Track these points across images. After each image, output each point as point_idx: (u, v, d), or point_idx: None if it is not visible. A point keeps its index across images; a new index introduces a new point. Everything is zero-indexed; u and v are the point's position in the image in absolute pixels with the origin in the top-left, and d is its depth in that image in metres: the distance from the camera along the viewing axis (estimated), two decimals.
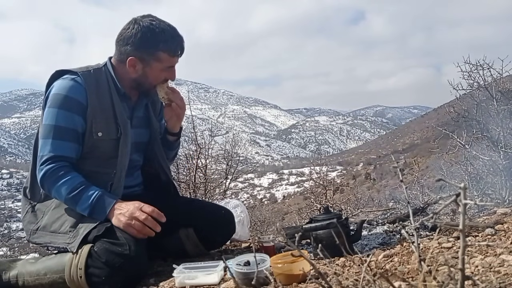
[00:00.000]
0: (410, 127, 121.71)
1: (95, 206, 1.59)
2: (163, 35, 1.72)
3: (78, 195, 1.59)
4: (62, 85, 1.67)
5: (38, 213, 1.72)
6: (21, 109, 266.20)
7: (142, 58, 1.73)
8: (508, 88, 3.07)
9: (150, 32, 1.71)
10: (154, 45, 1.71)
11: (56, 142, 1.63)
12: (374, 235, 1.88)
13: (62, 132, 1.64)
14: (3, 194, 62.59)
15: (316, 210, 5.56)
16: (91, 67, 1.76)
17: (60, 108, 1.64)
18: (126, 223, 1.55)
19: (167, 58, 1.75)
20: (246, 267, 1.30)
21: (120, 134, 1.74)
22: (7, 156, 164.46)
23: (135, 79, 1.78)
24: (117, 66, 1.79)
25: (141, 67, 1.75)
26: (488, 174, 2.96)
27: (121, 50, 1.75)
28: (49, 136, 1.63)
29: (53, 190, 1.62)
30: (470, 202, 0.62)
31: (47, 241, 1.66)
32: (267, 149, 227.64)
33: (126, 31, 1.73)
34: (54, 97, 1.66)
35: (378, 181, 16.36)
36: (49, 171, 1.61)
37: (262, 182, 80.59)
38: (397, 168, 0.91)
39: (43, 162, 1.62)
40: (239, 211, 2.31)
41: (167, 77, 1.81)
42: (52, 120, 1.63)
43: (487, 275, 1.05)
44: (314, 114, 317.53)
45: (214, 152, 6.28)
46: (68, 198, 1.60)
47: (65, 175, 1.61)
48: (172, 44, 1.75)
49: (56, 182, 1.60)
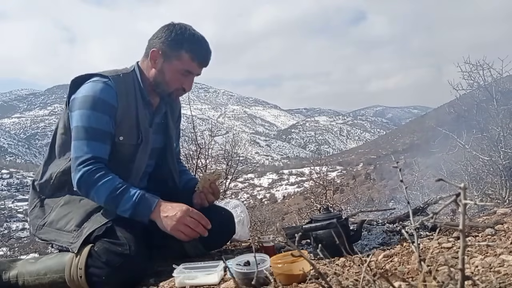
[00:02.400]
0: (410, 127, 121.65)
1: (137, 207, 1.57)
2: (191, 38, 1.75)
3: (119, 195, 1.57)
4: (94, 87, 1.65)
5: (46, 208, 1.71)
6: (21, 109, 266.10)
7: (165, 52, 1.74)
8: (508, 88, 3.07)
9: (180, 31, 1.74)
10: (179, 43, 1.73)
11: (91, 144, 1.61)
12: (374, 235, 1.88)
13: (97, 133, 1.62)
14: (3, 194, 62.60)
15: (316, 210, 5.56)
16: (120, 71, 1.76)
17: (93, 109, 1.62)
18: (174, 228, 1.54)
19: (188, 61, 1.75)
20: (246, 267, 1.30)
21: (141, 141, 1.75)
22: (7, 156, 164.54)
23: (154, 78, 1.78)
24: (142, 65, 1.81)
25: (161, 61, 1.76)
26: (488, 174, 2.96)
27: (148, 44, 1.79)
28: (84, 137, 1.61)
29: (92, 192, 1.59)
30: (470, 202, 0.62)
31: (52, 238, 1.65)
32: (267, 149, 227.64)
33: (160, 30, 1.77)
34: (85, 99, 1.64)
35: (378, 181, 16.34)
36: (87, 172, 1.58)
37: (262, 182, 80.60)
38: (397, 168, 0.91)
39: (80, 163, 1.59)
40: (239, 211, 2.31)
41: (183, 83, 1.80)
42: (86, 122, 1.62)
43: (487, 275, 1.05)
44: (314, 114, 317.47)
45: (214, 152, 6.29)
46: (109, 199, 1.57)
47: (104, 176, 1.59)
48: (197, 49, 1.77)
49: (96, 183, 1.58)
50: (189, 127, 6.23)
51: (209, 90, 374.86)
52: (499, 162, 2.77)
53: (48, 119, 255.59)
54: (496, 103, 2.93)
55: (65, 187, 1.71)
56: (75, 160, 1.61)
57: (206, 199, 1.88)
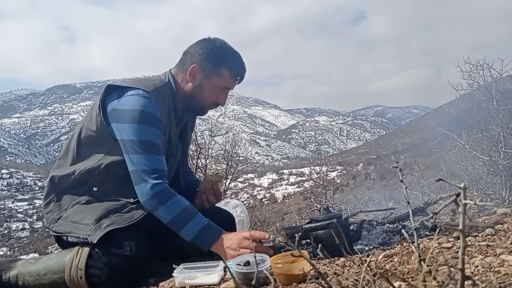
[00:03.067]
0: (410, 127, 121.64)
1: (202, 234, 1.57)
2: (232, 56, 1.80)
3: (188, 218, 1.57)
4: (139, 101, 1.62)
5: (63, 203, 1.69)
6: (21, 109, 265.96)
7: (206, 68, 1.76)
8: (508, 88, 3.07)
9: (222, 49, 1.78)
10: (221, 61, 1.76)
11: (151, 157, 1.60)
12: (374, 235, 1.88)
13: (153, 146, 1.61)
14: (3, 194, 62.57)
15: (316, 210, 5.56)
16: (156, 82, 1.74)
17: (145, 123, 1.60)
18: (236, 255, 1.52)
19: (228, 78, 1.79)
20: (246, 267, 1.30)
21: (170, 156, 1.77)
22: (7, 156, 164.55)
23: (190, 93, 1.79)
24: (176, 77, 1.81)
25: (200, 77, 1.77)
26: (488, 174, 2.96)
27: (186, 59, 1.79)
28: (142, 151, 1.59)
29: (161, 207, 1.58)
30: (470, 202, 0.62)
31: (67, 230, 1.62)
32: (267, 149, 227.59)
33: (198, 44, 1.79)
34: (134, 113, 1.60)
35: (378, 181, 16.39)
36: (160, 188, 1.58)
37: (262, 182, 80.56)
38: (397, 168, 0.91)
39: (148, 176, 1.58)
40: (239, 211, 2.31)
41: (218, 98, 1.82)
42: (139, 136, 1.59)
43: (487, 275, 1.05)
44: (314, 114, 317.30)
45: (214, 152, 6.29)
46: (177, 219, 1.57)
47: (174, 196, 1.59)
48: (237, 67, 1.81)
49: (167, 200, 1.57)
50: None
51: None
52: (499, 162, 2.77)
53: (48, 119, 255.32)
54: (496, 103, 2.93)
55: (85, 185, 1.68)
56: (142, 173, 1.58)
57: (207, 200, 1.88)
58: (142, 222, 1.64)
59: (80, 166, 1.69)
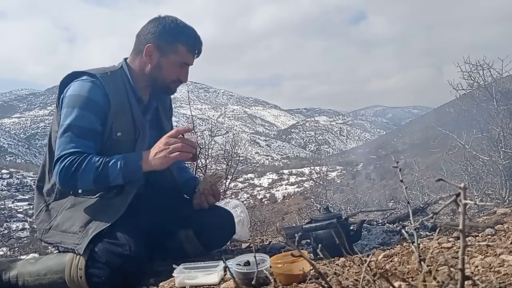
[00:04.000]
0: (410, 127, 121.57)
1: (126, 168, 1.59)
2: (185, 30, 1.78)
3: (104, 169, 1.57)
4: (81, 86, 1.66)
5: (52, 212, 1.70)
6: (21, 109, 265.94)
7: (160, 47, 1.75)
8: (508, 88, 3.07)
9: (173, 24, 1.77)
10: (174, 36, 1.75)
11: (76, 140, 1.61)
12: (374, 235, 1.88)
13: (82, 131, 1.62)
14: (3, 194, 62.56)
15: (316, 210, 5.56)
16: (107, 69, 1.76)
17: (80, 108, 1.63)
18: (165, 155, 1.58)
19: (184, 53, 1.77)
20: (246, 267, 1.30)
21: (138, 135, 1.75)
22: (7, 156, 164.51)
23: (150, 74, 1.79)
24: (132, 62, 1.81)
25: (157, 56, 1.76)
26: (488, 174, 2.96)
27: (140, 40, 1.78)
28: (69, 135, 1.61)
29: (77, 183, 1.58)
30: (470, 202, 0.62)
31: (58, 241, 1.63)
32: (267, 149, 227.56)
33: (149, 24, 1.78)
34: (72, 98, 1.65)
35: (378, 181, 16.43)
36: (66, 164, 1.56)
37: (262, 182, 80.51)
38: (397, 168, 0.91)
39: (60, 157, 1.58)
40: (239, 211, 2.31)
41: (180, 75, 1.81)
42: (71, 120, 1.62)
43: (487, 275, 1.05)
44: (314, 114, 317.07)
45: (214, 152, 6.28)
46: (97, 179, 1.57)
47: (83, 160, 1.57)
48: (192, 40, 1.80)
49: (77, 170, 1.56)
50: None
51: (209, 90, 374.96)
52: (499, 162, 2.76)
53: (48, 119, 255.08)
54: (496, 103, 2.92)
55: (69, 192, 1.70)
56: (56, 158, 1.60)
57: (206, 201, 1.88)
58: (142, 222, 1.64)
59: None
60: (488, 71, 3.12)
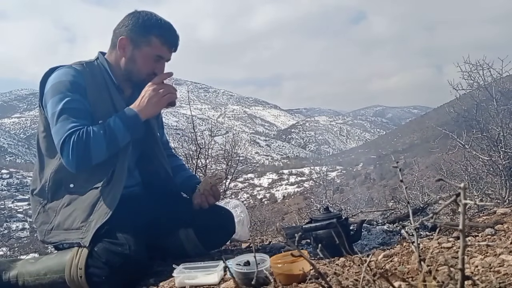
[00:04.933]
0: (410, 127, 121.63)
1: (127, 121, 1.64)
2: (158, 23, 1.77)
3: (109, 130, 1.60)
4: (60, 73, 1.67)
5: (50, 212, 1.69)
6: (21, 109, 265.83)
7: (133, 39, 1.75)
8: (508, 88, 3.07)
9: (146, 17, 1.77)
10: (147, 29, 1.75)
11: (73, 120, 1.59)
12: (374, 235, 1.88)
13: (76, 112, 1.61)
14: (3, 194, 62.49)
15: (316, 210, 5.56)
16: (83, 61, 1.77)
17: (67, 91, 1.62)
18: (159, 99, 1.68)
19: (158, 45, 1.76)
20: (246, 267, 1.30)
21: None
22: (7, 156, 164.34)
23: (125, 67, 1.78)
24: (109, 57, 1.81)
25: (130, 49, 1.76)
26: (488, 174, 2.96)
27: (115, 34, 1.79)
28: (63, 118, 1.59)
29: (92, 153, 1.57)
30: (470, 202, 0.62)
31: (62, 239, 1.63)
32: (267, 149, 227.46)
33: (124, 19, 1.79)
34: (56, 86, 1.64)
35: (378, 181, 16.38)
36: (75, 141, 1.55)
37: (262, 182, 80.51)
38: (397, 168, 0.91)
39: (64, 139, 1.56)
40: (239, 211, 2.31)
41: (155, 68, 1.79)
42: (63, 104, 1.60)
43: (487, 275, 1.05)
44: (314, 114, 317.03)
45: (214, 152, 6.28)
46: (109, 141, 1.59)
47: (88, 132, 1.57)
48: (166, 33, 1.78)
49: (87, 143, 1.55)
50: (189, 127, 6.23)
51: (209, 90, 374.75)
52: (499, 162, 2.76)
53: None
54: (496, 103, 2.92)
55: (61, 186, 1.69)
56: (59, 143, 1.58)
57: (206, 201, 1.88)
58: (142, 221, 1.64)
59: (47, 171, 1.71)
60: (488, 71, 3.11)
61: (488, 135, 2.89)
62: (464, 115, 3.17)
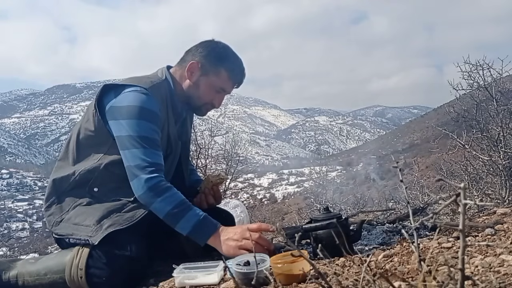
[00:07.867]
0: (410, 127, 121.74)
1: (198, 227, 1.55)
2: (233, 59, 1.80)
3: (183, 212, 1.55)
4: (137, 97, 1.62)
5: (64, 206, 1.68)
6: (21, 109, 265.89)
7: (204, 66, 1.77)
8: (508, 88, 3.07)
9: (223, 49, 1.79)
10: (221, 60, 1.77)
11: (148, 151, 1.58)
12: (374, 235, 1.88)
13: (150, 142, 1.60)
14: (3, 194, 62.56)
15: (316, 210, 5.56)
16: (153, 80, 1.74)
17: (142, 119, 1.60)
18: (236, 246, 1.51)
19: (225, 78, 1.79)
20: (246, 267, 1.30)
21: (170, 153, 1.76)
22: (7, 156, 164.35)
23: (187, 89, 1.79)
24: (175, 72, 1.82)
25: (198, 74, 1.77)
26: (488, 174, 2.96)
27: (187, 56, 1.81)
28: (139, 146, 1.58)
29: (156, 201, 1.56)
30: (470, 202, 0.62)
31: (69, 233, 1.61)
32: (267, 149, 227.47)
33: (201, 44, 1.80)
34: (132, 109, 1.60)
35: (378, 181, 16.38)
36: (155, 181, 1.56)
37: (262, 182, 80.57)
38: (397, 168, 0.91)
39: (143, 170, 1.56)
40: (239, 211, 2.31)
41: (214, 99, 1.82)
42: (136, 131, 1.59)
43: (487, 275, 1.05)
44: (314, 114, 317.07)
45: (214, 152, 6.29)
46: (172, 213, 1.55)
47: (170, 188, 1.57)
48: (236, 69, 1.81)
49: (162, 193, 1.55)
50: None
51: None
52: (499, 162, 2.77)
53: (48, 119, 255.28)
54: (496, 103, 2.93)
55: (86, 186, 1.68)
56: (136, 168, 1.57)
57: (206, 201, 1.88)
58: (143, 222, 1.64)
59: (80, 166, 1.69)
60: (488, 71, 3.12)
61: (488, 135, 2.89)
62: (464, 115, 3.17)
